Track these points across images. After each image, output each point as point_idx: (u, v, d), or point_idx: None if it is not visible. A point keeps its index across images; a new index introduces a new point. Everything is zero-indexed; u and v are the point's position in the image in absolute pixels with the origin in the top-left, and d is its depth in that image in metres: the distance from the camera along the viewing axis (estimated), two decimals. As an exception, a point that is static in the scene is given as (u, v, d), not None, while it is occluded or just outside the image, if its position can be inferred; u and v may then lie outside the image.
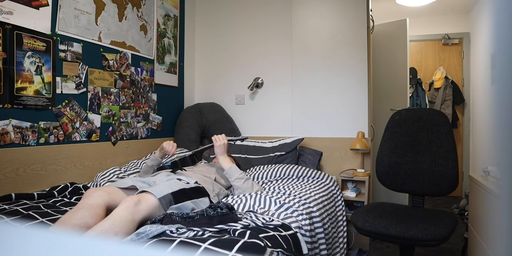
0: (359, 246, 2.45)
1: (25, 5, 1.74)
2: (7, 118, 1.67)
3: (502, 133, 0.27)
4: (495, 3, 0.27)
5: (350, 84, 2.71)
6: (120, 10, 2.36)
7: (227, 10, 3.11)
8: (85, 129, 2.10)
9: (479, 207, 1.75)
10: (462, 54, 4.41)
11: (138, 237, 1.08)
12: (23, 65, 1.74)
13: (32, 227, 0.27)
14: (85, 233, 1.07)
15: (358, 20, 2.70)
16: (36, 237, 0.26)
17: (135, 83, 2.51)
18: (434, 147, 1.82)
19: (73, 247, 0.25)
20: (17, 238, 0.26)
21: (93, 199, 1.26)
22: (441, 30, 4.44)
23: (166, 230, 1.10)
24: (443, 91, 4.36)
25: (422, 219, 1.58)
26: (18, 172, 1.72)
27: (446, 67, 4.49)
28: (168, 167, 1.89)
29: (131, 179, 1.56)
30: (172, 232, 1.10)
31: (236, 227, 1.18)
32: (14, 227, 0.28)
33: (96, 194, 1.29)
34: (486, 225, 1.58)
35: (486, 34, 3.42)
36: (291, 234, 1.25)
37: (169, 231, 1.10)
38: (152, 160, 1.97)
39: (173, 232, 1.10)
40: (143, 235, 1.08)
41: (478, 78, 3.85)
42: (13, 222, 1.21)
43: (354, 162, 2.65)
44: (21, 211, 1.37)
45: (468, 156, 4.26)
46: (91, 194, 1.29)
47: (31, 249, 0.25)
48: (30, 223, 1.23)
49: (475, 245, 1.77)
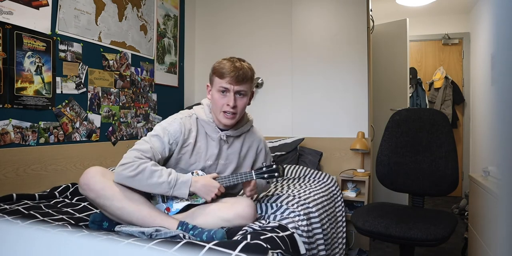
0: (359, 246, 2.45)
1: (25, 5, 1.74)
2: (7, 118, 1.67)
3: (502, 133, 0.27)
4: (495, 3, 0.27)
5: (350, 84, 2.71)
6: (120, 10, 2.36)
7: (227, 10, 3.11)
8: (85, 129, 2.10)
9: (479, 207, 1.75)
10: (462, 54, 4.41)
11: (157, 233, 1.15)
12: (23, 65, 1.74)
13: (32, 225, 0.27)
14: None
15: (358, 20, 2.70)
16: (37, 235, 0.26)
17: (135, 83, 2.51)
18: (434, 147, 1.82)
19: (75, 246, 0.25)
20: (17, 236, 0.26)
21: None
22: (441, 30, 4.44)
23: (179, 234, 1.16)
24: (443, 91, 4.36)
25: (422, 219, 1.58)
26: (18, 172, 1.72)
27: (446, 67, 4.49)
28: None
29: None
30: (184, 236, 1.16)
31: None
32: (15, 224, 0.28)
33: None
34: (486, 225, 1.58)
35: (486, 34, 3.42)
36: (288, 234, 1.27)
37: (181, 234, 1.16)
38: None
39: (185, 236, 1.16)
40: (161, 232, 1.15)
41: (478, 78, 3.85)
42: (14, 220, 1.21)
43: (354, 162, 2.65)
44: (22, 210, 1.37)
45: (468, 156, 4.26)
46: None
47: (32, 247, 0.25)
48: (30, 221, 1.23)
49: (475, 245, 1.77)
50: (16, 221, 1.21)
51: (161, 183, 1.26)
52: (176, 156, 1.41)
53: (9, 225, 0.29)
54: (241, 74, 1.35)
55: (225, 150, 1.47)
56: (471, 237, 1.92)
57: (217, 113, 1.41)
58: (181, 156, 1.41)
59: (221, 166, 1.47)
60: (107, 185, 1.25)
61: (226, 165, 1.48)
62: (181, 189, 1.29)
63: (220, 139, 1.45)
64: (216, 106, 1.40)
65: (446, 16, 4.41)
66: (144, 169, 1.26)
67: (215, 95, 1.40)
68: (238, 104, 1.39)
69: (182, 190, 1.29)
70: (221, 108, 1.38)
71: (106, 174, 1.30)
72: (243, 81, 1.37)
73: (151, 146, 1.34)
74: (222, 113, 1.39)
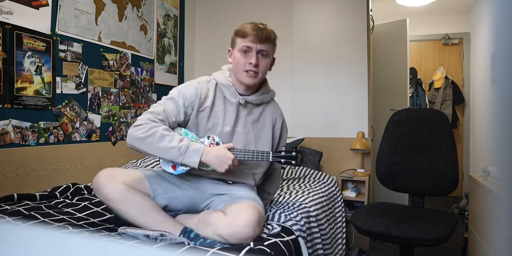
0: (359, 246, 2.45)
1: (25, 5, 1.74)
2: (7, 118, 1.67)
3: (502, 133, 0.27)
4: (495, 3, 0.27)
5: (350, 84, 2.71)
6: (120, 10, 2.36)
7: (227, 10, 3.11)
8: (85, 129, 2.10)
9: (479, 207, 1.75)
10: (462, 54, 4.41)
11: (162, 238, 1.12)
12: (23, 65, 1.74)
13: (33, 226, 0.27)
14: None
15: (358, 20, 2.70)
16: (37, 237, 0.26)
17: (135, 83, 2.51)
18: (434, 147, 1.82)
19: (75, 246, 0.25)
20: (18, 237, 0.26)
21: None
22: (441, 30, 4.44)
23: (184, 241, 1.14)
24: (443, 91, 4.36)
25: (422, 219, 1.58)
26: (18, 172, 1.72)
27: (446, 67, 4.49)
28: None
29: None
30: (188, 244, 1.14)
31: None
32: (15, 226, 0.28)
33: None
34: (486, 225, 1.58)
35: (486, 34, 3.42)
36: (292, 239, 1.25)
37: (186, 242, 1.14)
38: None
39: (189, 244, 1.14)
40: (167, 238, 1.12)
41: (478, 78, 3.85)
42: (14, 222, 1.21)
43: (354, 162, 2.65)
44: (23, 211, 1.37)
45: (468, 156, 4.26)
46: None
47: (32, 248, 0.25)
48: (31, 222, 1.23)
49: (475, 245, 1.77)
50: (17, 222, 1.21)
51: (171, 148, 1.23)
52: (194, 120, 1.38)
53: (10, 226, 0.29)
54: (264, 33, 1.35)
55: (243, 116, 1.43)
56: (471, 237, 1.92)
57: (239, 74, 1.38)
58: (198, 121, 1.38)
59: (238, 135, 1.41)
60: (114, 189, 1.24)
61: (244, 134, 1.42)
62: (192, 157, 1.23)
63: (238, 103, 1.41)
64: (238, 66, 1.38)
65: (446, 16, 4.41)
66: (155, 132, 1.23)
67: (237, 56, 1.38)
68: (260, 63, 1.37)
69: (193, 159, 1.23)
70: (244, 67, 1.36)
71: (116, 176, 1.29)
72: (265, 40, 1.36)
73: (165, 109, 1.32)
74: (244, 72, 1.37)
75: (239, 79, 1.39)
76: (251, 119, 1.45)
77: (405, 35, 3.44)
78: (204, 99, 1.38)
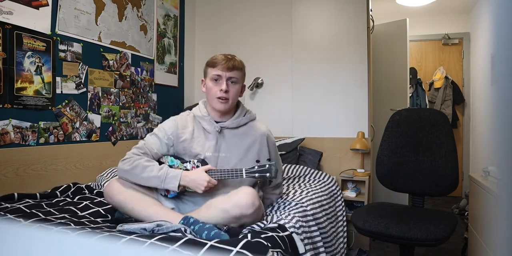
0: (359, 246, 2.45)
1: (25, 5, 1.74)
2: (7, 118, 1.67)
3: (502, 133, 0.27)
4: (495, 3, 0.27)
5: (350, 84, 2.71)
6: (120, 10, 2.36)
7: (227, 10, 3.11)
8: (85, 129, 2.10)
9: (479, 207, 1.75)
10: (462, 54, 4.41)
11: (158, 228, 1.18)
12: (23, 65, 1.74)
13: (34, 223, 0.27)
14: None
15: (358, 20, 2.70)
16: (38, 234, 0.26)
17: (135, 83, 2.51)
18: (434, 147, 1.82)
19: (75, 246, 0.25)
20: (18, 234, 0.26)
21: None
22: (441, 30, 4.44)
23: (181, 227, 1.19)
24: (443, 91, 4.36)
25: (422, 219, 1.58)
26: (18, 172, 1.72)
27: (446, 67, 4.49)
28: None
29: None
30: (185, 230, 1.18)
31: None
32: (16, 223, 0.28)
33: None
34: (486, 225, 1.58)
35: (486, 34, 3.42)
36: (287, 234, 1.29)
37: (183, 228, 1.18)
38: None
39: (186, 230, 1.18)
40: (163, 227, 1.18)
41: (478, 78, 3.85)
42: (15, 219, 1.22)
43: (354, 162, 2.65)
44: (24, 209, 1.38)
45: (468, 156, 4.26)
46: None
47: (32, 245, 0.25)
48: (32, 220, 1.23)
49: (475, 245, 1.77)
50: (18, 219, 1.21)
51: (152, 177, 1.38)
52: (179, 149, 1.51)
53: (10, 223, 0.29)
54: (232, 63, 1.48)
55: (223, 142, 1.51)
56: (471, 237, 1.92)
57: (212, 101, 1.50)
58: (183, 149, 1.50)
59: (222, 159, 1.50)
60: (122, 191, 1.39)
61: (228, 158, 1.50)
62: (171, 183, 1.38)
63: (216, 131, 1.51)
64: (210, 94, 1.50)
65: (446, 16, 4.41)
66: (138, 165, 1.40)
67: (209, 84, 1.50)
68: (230, 89, 1.48)
69: (172, 184, 1.38)
70: (215, 94, 1.48)
71: (125, 183, 1.42)
72: (233, 68, 1.48)
73: (145, 143, 1.49)
74: (216, 99, 1.48)
75: (212, 106, 1.51)
76: (233, 143, 1.53)
77: (405, 35, 3.44)
78: (183, 130, 1.51)
